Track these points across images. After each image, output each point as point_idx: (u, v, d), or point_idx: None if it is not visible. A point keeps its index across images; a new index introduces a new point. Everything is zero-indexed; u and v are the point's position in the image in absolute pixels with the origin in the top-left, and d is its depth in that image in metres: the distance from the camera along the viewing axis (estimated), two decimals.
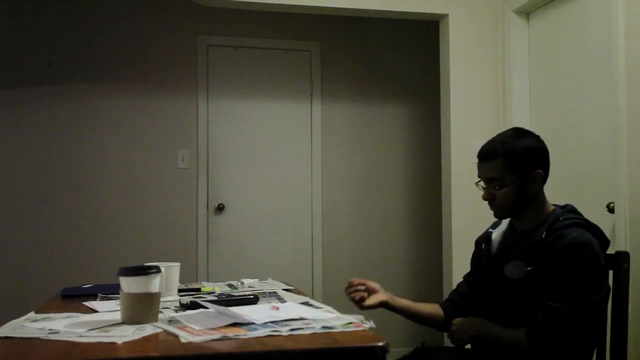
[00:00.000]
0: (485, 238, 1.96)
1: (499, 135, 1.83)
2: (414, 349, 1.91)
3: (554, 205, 1.86)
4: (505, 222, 1.92)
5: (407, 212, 4.43)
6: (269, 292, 1.94)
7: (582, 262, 1.63)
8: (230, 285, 2.13)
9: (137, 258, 3.36)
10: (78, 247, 3.92)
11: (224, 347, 1.16)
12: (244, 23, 4.19)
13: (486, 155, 1.80)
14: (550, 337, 1.62)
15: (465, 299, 1.96)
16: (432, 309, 1.98)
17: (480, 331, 1.77)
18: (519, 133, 1.83)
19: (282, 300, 1.77)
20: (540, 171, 1.78)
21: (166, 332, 1.29)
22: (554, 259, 1.66)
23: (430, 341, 4.07)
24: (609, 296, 1.74)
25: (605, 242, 1.78)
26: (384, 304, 1.93)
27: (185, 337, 1.22)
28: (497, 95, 3.52)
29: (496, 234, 1.92)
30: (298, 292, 1.95)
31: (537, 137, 1.83)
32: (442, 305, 1.98)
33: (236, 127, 4.20)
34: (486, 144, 1.82)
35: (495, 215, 1.87)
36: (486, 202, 1.83)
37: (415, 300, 2.03)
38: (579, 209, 1.84)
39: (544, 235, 1.72)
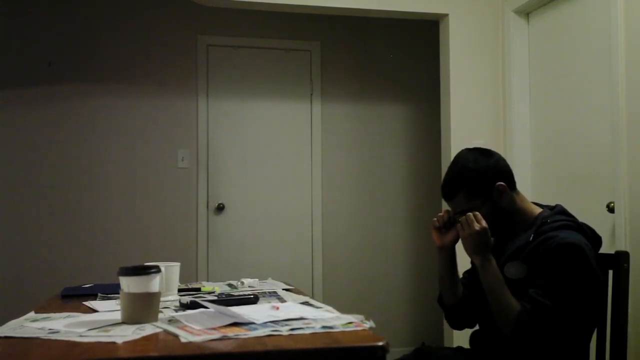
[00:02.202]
0: None
1: (449, 170, 1.85)
2: (414, 349, 1.92)
3: (543, 206, 1.86)
4: None
5: (407, 211, 4.43)
6: (269, 292, 1.94)
7: (572, 262, 1.63)
8: (230, 285, 2.13)
9: (137, 258, 3.37)
10: (78, 247, 3.92)
11: (224, 347, 1.16)
12: (244, 23, 4.19)
13: (447, 196, 1.85)
14: (533, 330, 1.62)
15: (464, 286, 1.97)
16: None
17: (487, 267, 1.72)
18: (464, 159, 1.83)
19: (282, 300, 1.77)
20: (501, 183, 1.79)
21: (166, 332, 1.29)
22: (543, 259, 1.66)
23: (430, 341, 4.10)
24: (602, 295, 1.75)
25: (597, 241, 1.78)
26: (451, 248, 1.90)
27: (185, 336, 1.22)
28: (497, 95, 3.52)
29: None
30: (298, 292, 1.95)
31: (483, 151, 1.85)
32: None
33: (236, 127, 4.20)
34: (443, 184, 1.86)
35: (491, 236, 1.88)
36: None
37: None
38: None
39: (531, 237, 1.73)
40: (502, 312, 1.67)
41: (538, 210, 1.83)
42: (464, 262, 1.98)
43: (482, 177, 1.79)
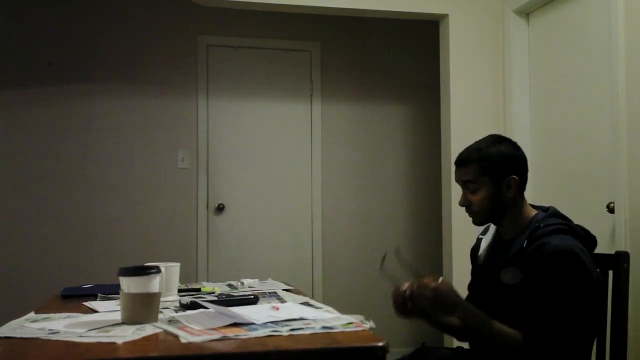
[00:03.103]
0: (477, 246, 1.97)
1: (478, 141, 1.85)
2: (414, 349, 1.91)
3: (538, 207, 1.85)
4: (492, 229, 1.93)
5: (407, 211, 4.43)
6: (269, 292, 1.95)
7: (567, 270, 1.62)
8: (230, 285, 2.13)
9: (137, 258, 3.36)
10: (78, 247, 3.92)
11: (224, 347, 1.16)
12: (244, 23, 4.19)
13: (461, 161, 1.83)
14: (541, 348, 1.60)
15: None
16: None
17: (467, 316, 1.69)
18: (495, 140, 1.84)
19: (282, 300, 1.77)
20: (515, 177, 1.78)
21: (166, 332, 1.29)
22: (537, 267, 1.65)
23: (430, 341, 4.09)
24: (602, 297, 1.74)
25: (591, 241, 1.76)
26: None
27: (185, 337, 1.22)
28: (497, 95, 3.52)
29: (485, 241, 1.94)
30: (298, 292, 1.95)
31: (514, 144, 1.85)
32: None
33: (236, 127, 4.20)
34: (463, 151, 1.85)
35: (474, 222, 1.86)
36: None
37: None
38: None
39: (525, 243, 1.72)
40: (503, 344, 1.66)
41: (533, 213, 1.82)
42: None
43: (502, 162, 1.78)
